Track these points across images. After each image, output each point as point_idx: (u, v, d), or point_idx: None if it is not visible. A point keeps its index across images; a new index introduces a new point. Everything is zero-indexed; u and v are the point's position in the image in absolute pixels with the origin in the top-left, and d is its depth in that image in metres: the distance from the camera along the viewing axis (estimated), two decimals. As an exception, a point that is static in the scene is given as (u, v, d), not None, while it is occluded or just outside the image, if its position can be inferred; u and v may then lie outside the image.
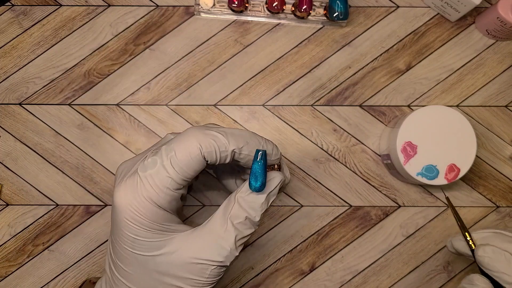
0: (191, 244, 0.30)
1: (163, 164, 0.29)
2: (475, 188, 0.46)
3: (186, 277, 0.30)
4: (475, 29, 0.47)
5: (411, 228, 0.46)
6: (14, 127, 0.46)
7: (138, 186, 0.29)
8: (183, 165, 0.29)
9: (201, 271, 0.30)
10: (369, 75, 0.47)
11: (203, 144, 0.29)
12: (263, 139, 0.31)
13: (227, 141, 0.29)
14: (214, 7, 0.46)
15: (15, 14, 0.47)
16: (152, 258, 0.30)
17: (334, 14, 0.43)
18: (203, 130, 0.30)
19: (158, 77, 0.46)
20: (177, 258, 0.30)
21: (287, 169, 0.35)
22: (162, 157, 0.29)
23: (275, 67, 0.47)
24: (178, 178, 0.29)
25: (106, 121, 0.46)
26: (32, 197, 0.46)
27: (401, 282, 0.46)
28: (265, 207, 0.31)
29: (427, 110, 0.41)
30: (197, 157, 0.29)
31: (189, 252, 0.30)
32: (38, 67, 0.46)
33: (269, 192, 0.31)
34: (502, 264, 0.32)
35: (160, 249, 0.30)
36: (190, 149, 0.29)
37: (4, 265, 0.45)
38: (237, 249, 0.30)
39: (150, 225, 0.29)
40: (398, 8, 0.47)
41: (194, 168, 0.29)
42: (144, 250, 0.30)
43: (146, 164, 0.29)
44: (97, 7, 0.47)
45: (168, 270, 0.30)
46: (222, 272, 0.31)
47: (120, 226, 0.30)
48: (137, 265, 0.31)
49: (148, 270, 0.31)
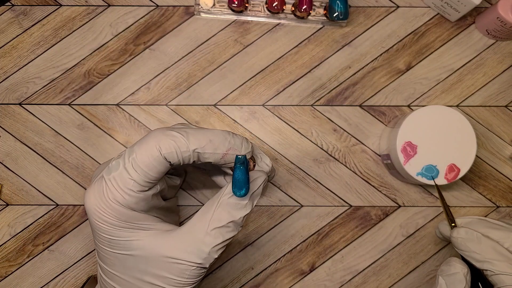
0: (168, 242, 0.30)
1: (125, 167, 0.29)
2: (475, 188, 0.46)
3: (166, 276, 0.30)
4: (475, 29, 0.47)
5: (411, 228, 0.46)
6: (14, 127, 0.46)
7: (103, 189, 0.29)
8: (144, 166, 0.29)
9: (180, 272, 0.30)
10: (369, 75, 0.47)
11: (163, 146, 0.29)
12: (230, 135, 0.31)
13: (187, 141, 0.29)
14: (214, 7, 0.46)
15: (15, 14, 0.47)
16: (131, 257, 0.31)
17: (334, 14, 0.43)
18: (165, 131, 0.30)
19: (158, 77, 0.46)
20: (153, 256, 0.30)
21: (267, 157, 0.35)
22: (125, 160, 0.29)
23: (275, 67, 0.47)
24: (140, 180, 0.29)
25: (106, 121, 0.46)
26: (32, 197, 0.46)
27: (401, 282, 0.46)
28: (249, 208, 0.31)
29: (427, 110, 0.41)
30: (157, 159, 0.29)
31: (165, 250, 0.30)
32: (38, 67, 0.46)
33: (252, 193, 0.31)
34: (473, 243, 0.32)
35: (136, 247, 0.30)
36: (150, 151, 0.29)
37: (4, 265, 0.45)
38: (216, 252, 0.30)
39: (121, 224, 0.30)
40: (398, 8, 0.47)
41: (156, 170, 0.29)
42: (121, 248, 0.30)
43: (110, 167, 0.30)
44: (97, 7, 0.47)
45: (147, 269, 0.30)
46: (202, 273, 0.31)
47: (93, 227, 0.31)
48: (118, 264, 0.31)
49: (129, 269, 0.31)
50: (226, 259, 0.46)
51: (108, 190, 0.29)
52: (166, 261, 0.30)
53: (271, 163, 0.34)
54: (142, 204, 0.30)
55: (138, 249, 0.30)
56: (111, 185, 0.29)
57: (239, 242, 0.46)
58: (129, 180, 0.29)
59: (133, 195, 0.29)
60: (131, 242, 0.30)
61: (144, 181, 0.29)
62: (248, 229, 0.46)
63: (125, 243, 0.30)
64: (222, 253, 0.45)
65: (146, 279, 0.31)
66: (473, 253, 0.32)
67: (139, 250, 0.30)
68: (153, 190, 0.31)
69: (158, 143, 0.29)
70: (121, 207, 0.29)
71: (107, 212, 0.30)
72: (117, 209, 0.29)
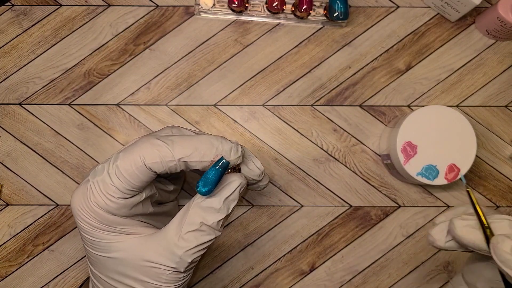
0: (145, 245, 0.30)
1: (108, 172, 0.29)
2: (475, 188, 0.46)
3: (144, 280, 0.30)
4: (475, 29, 0.47)
5: (411, 228, 0.46)
6: (14, 127, 0.46)
7: (87, 191, 0.29)
8: (126, 175, 0.28)
9: (157, 275, 0.30)
10: (369, 75, 0.47)
11: (147, 156, 0.28)
12: (218, 141, 0.30)
13: (173, 150, 0.29)
14: (214, 7, 0.46)
15: (15, 14, 0.47)
16: (110, 259, 0.31)
17: (334, 14, 0.43)
18: (151, 139, 0.29)
19: (158, 77, 0.46)
20: (131, 259, 0.30)
21: (258, 160, 0.33)
22: (109, 165, 0.29)
23: (275, 67, 0.47)
24: (122, 187, 0.29)
25: (106, 121, 0.46)
26: (32, 197, 0.46)
27: (401, 282, 0.46)
28: (224, 213, 0.30)
29: (427, 110, 0.41)
30: (140, 169, 0.28)
31: (142, 253, 0.30)
32: (38, 67, 0.46)
33: (226, 197, 0.30)
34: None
35: (115, 249, 0.30)
36: (133, 160, 0.28)
37: (4, 265, 0.45)
38: (191, 256, 0.29)
39: (102, 227, 0.30)
40: (398, 8, 0.47)
41: (139, 179, 0.29)
42: (102, 250, 0.31)
43: (96, 170, 0.30)
44: (97, 7, 0.47)
45: (126, 272, 0.30)
46: (181, 278, 0.31)
47: (78, 228, 0.31)
48: (101, 266, 0.31)
49: (109, 271, 0.31)
50: (226, 259, 0.46)
51: (91, 193, 0.29)
52: (143, 264, 0.30)
53: (262, 167, 0.33)
54: (123, 210, 0.30)
55: (118, 251, 0.30)
56: (94, 188, 0.29)
57: (239, 242, 0.46)
58: (111, 186, 0.29)
59: (114, 201, 0.29)
60: (111, 245, 0.30)
61: (126, 189, 0.29)
62: (248, 229, 0.46)
63: (105, 245, 0.30)
64: (222, 253, 0.45)
65: (126, 282, 0.31)
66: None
67: (118, 253, 0.30)
68: (137, 198, 0.30)
69: (142, 153, 0.28)
70: (102, 211, 0.29)
71: (88, 214, 0.30)
72: (98, 213, 0.29)
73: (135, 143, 0.30)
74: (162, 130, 0.34)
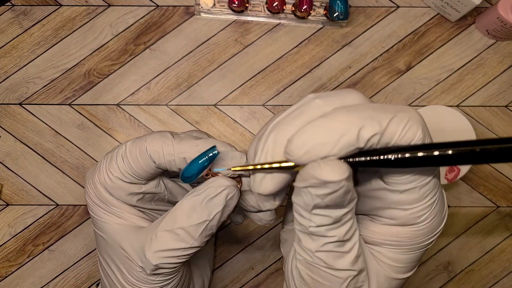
0: (127, 234, 0.29)
1: (119, 150, 0.29)
2: (475, 188, 0.46)
3: (122, 271, 0.30)
4: (475, 29, 0.47)
5: (411, 228, 0.46)
6: (14, 127, 0.46)
7: (98, 166, 0.30)
8: (130, 158, 0.29)
9: (130, 268, 0.29)
10: (369, 75, 0.47)
11: (151, 143, 0.28)
12: (225, 145, 0.28)
13: (175, 145, 0.28)
14: (214, 7, 0.46)
15: (15, 14, 0.47)
16: (102, 239, 0.31)
17: (334, 14, 0.43)
18: (164, 132, 0.29)
19: (158, 77, 0.46)
20: (113, 243, 0.30)
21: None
22: (123, 145, 0.29)
23: (275, 67, 0.47)
24: (123, 168, 0.29)
25: (106, 121, 0.46)
26: (32, 197, 0.46)
27: (401, 282, 0.46)
28: (204, 217, 0.26)
29: (427, 110, 0.41)
30: (142, 154, 0.28)
31: (122, 241, 0.29)
32: (38, 67, 0.46)
33: (210, 198, 0.26)
34: None
35: (106, 230, 0.30)
36: (139, 144, 0.28)
37: (4, 265, 0.45)
38: (157, 259, 0.27)
39: (99, 203, 0.30)
40: (398, 8, 0.47)
41: (141, 166, 0.28)
42: (97, 228, 0.31)
43: (114, 147, 0.30)
44: (97, 7, 0.47)
45: (112, 256, 0.30)
46: (151, 281, 0.29)
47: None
48: (97, 244, 0.32)
49: (101, 250, 0.31)
50: (226, 259, 0.46)
51: (99, 167, 0.30)
52: (121, 253, 0.29)
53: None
54: (119, 192, 0.29)
55: (107, 233, 0.30)
56: (102, 163, 0.30)
57: (239, 242, 0.46)
58: (114, 163, 0.29)
59: (112, 179, 0.29)
60: (103, 224, 0.30)
61: (126, 171, 0.29)
62: (248, 229, 0.46)
63: (99, 222, 0.30)
64: (222, 253, 0.45)
65: (111, 266, 0.30)
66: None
67: (107, 234, 0.30)
68: (134, 188, 0.30)
69: (149, 140, 0.28)
70: (101, 186, 0.30)
71: (92, 189, 0.30)
72: (98, 188, 0.30)
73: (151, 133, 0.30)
74: (185, 132, 0.33)
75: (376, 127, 0.19)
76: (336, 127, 0.19)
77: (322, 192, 0.19)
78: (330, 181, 0.19)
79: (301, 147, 0.20)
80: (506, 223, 0.46)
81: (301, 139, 0.20)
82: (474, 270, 0.46)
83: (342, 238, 0.21)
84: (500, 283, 0.46)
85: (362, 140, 0.19)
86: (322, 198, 0.20)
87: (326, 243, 0.21)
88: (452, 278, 0.46)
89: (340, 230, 0.21)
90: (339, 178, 0.19)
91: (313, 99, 0.21)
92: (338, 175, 0.19)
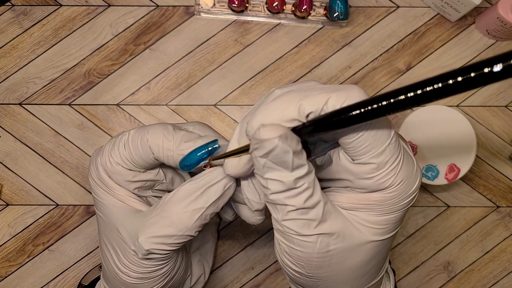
0: (125, 216, 0.30)
1: (122, 136, 0.29)
2: (475, 188, 0.46)
3: (118, 252, 0.30)
4: (475, 29, 0.47)
5: (411, 228, 0.46)
6: (14, 127, 0.46)
7: (102, 147, 0.30)
8: (131, 145, 0.29)
9: (125, 251, 0.29)
10: (369, 75, 0.47)
11: (152, 135, 0.28)
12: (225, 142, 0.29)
13: (176, 140, 0.28)
14: (214, 7, 0.46)
15: (15, 14, 0.47)
16: (101, 219, 0.31)
17: (334, 14, 0.43)
18: (167, 125, 0.30)
19: (158, 77, 0.46)
20: (110, 224, 0.30)
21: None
22: (127, 132, 0.30)
23: (275, 67, 0.47)
24: (123, 154, 0.29)
25: (106, 121, 0.46)
26: (32, 197, 0.46)
27: (401, 282, 0.46)
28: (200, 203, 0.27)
29: (427, 110, 0.41)
30: (143, 144, 0.28)
31: (118, 222, 0.29)
32: (38, 67, 0.46)
33: (208, 186, 0.27)
34: None
35: (105, 211, 0.30)
36: (142, 134, 0.29)
37: (4, 265, 0.45)
38: (149, 243, 0.27)
39: (100, 184, 0.30)
40: (398, 8, 0.47)
41: (140, 155, 0.29)
42: (97, 208, 0.31)
43: (119, 133, 0.31)
44: (97, 7, 0.47)
45: (109, 237, 0.30)
46: (144, 265, 0.29)
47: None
48: (98, 224, 0.32)
49: (101, 230, 0.32)
50: (226, 259, 0.46)
51: (103, 149, 0.30)
52: (117, 235, 0.29)
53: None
54: (117, 177, 0.30)
55: (106, 214, 0.30)
56: (106, 146, 0.30)
57: (239, 242, 0.46)
58: (116, 149, 0.29)
59: (112, 163, 0.29)
60: (103, 204, 0.30)
61: (126, 158, 0.29)
62: (248, 229, 0.46)
63: (99, 203, 0.31)
64: (222, 253, 0.45)
65: (109, 248, 0.31)
66: None
67: (106, 216, 0.30)
68: (131, 176, 0.30)
69: (151, 131, 0.29)
70: (102, 168, 0.30)
71: (93, 166, 0.30)
72: (99, 169, 0.30)
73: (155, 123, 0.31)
74: (187, 124, 0.33)
75: (315, 103, 0.21)
76: (279, 106, 0.22)
77: (262, 152, 0.21)
78: (264, 139, 0.21)
79: (254, 126, 0.22)
80: (506, 223, 0.46)
81: (254, 120, 0.22)
82: (474, 270, 0.46)
83: (302, 205, 0.22)
84: (500, 283, 0.46)
85: (302, 114, 0.22)
86: (264, 157, 0.21)
87: (289, 211, 0.23)
88: (452, 278, 0.46)
89: (299, 198, 0.22)
90: (272, 136, 0.21)
91: (274, 90, 0.24)
92: (272, 133, 0.21)
